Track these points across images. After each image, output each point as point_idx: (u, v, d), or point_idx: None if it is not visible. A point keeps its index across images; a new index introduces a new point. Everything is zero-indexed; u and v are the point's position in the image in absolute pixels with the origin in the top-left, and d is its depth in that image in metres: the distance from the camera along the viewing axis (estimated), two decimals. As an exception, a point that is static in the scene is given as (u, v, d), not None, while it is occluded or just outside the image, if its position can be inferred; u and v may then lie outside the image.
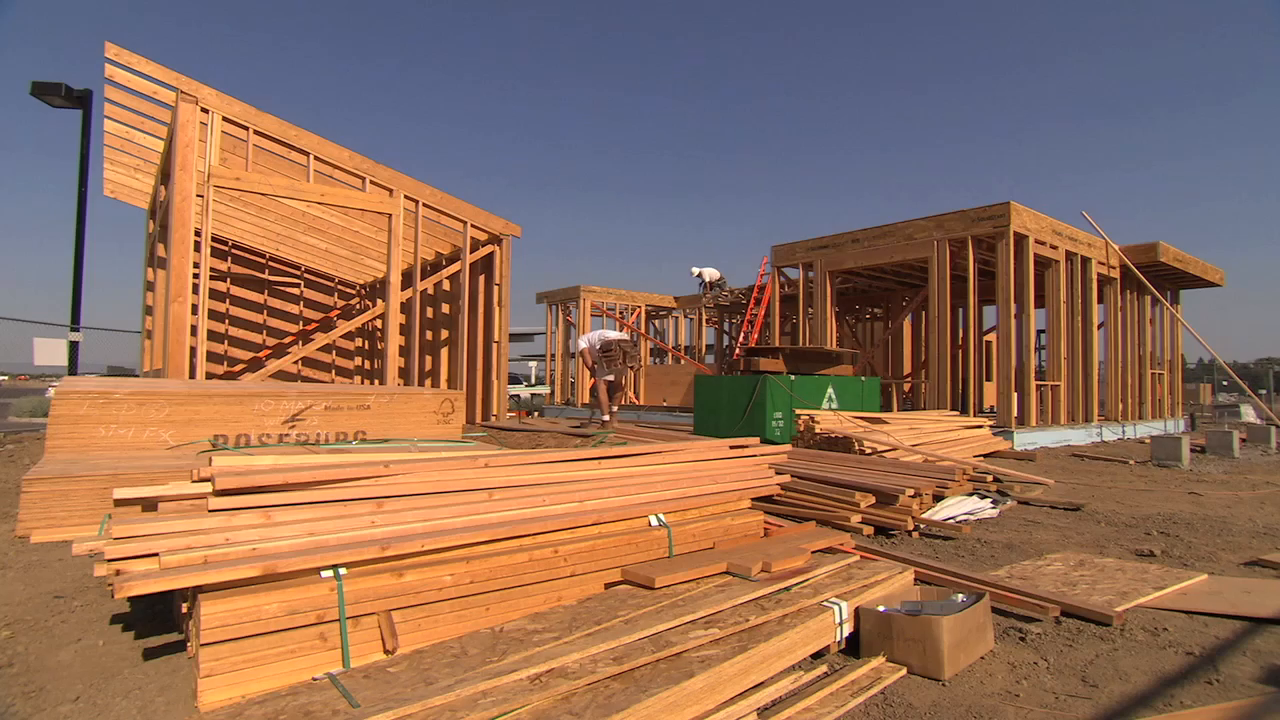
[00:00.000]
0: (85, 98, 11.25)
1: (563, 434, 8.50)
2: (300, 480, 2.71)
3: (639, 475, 3.73)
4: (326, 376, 16.50)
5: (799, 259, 14.07)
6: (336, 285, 16.70)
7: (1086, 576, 3.82)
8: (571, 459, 3.56)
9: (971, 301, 11.41)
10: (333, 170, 9.72)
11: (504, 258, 11.87)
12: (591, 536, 3.21)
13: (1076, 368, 12.19)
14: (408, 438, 5.68)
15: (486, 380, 11.93)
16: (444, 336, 13.12)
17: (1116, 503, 6.12)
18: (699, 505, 3.78)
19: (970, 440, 8.94)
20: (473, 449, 4.63)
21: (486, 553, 2.87)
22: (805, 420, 7.99)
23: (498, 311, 11.86)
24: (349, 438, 5.49)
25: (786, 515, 4.97)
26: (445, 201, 11.05)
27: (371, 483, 2.88)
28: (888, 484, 5.12)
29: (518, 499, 3.19)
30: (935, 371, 11.56)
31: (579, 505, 3.35)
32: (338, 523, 2.70)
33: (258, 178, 8.81)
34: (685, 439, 6.55)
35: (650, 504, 3.57)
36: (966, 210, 11.27)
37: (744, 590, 2.98)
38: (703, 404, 9.91)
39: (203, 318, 8.38)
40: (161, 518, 2.49)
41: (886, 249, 12.43)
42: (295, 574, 2.45)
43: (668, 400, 18.62)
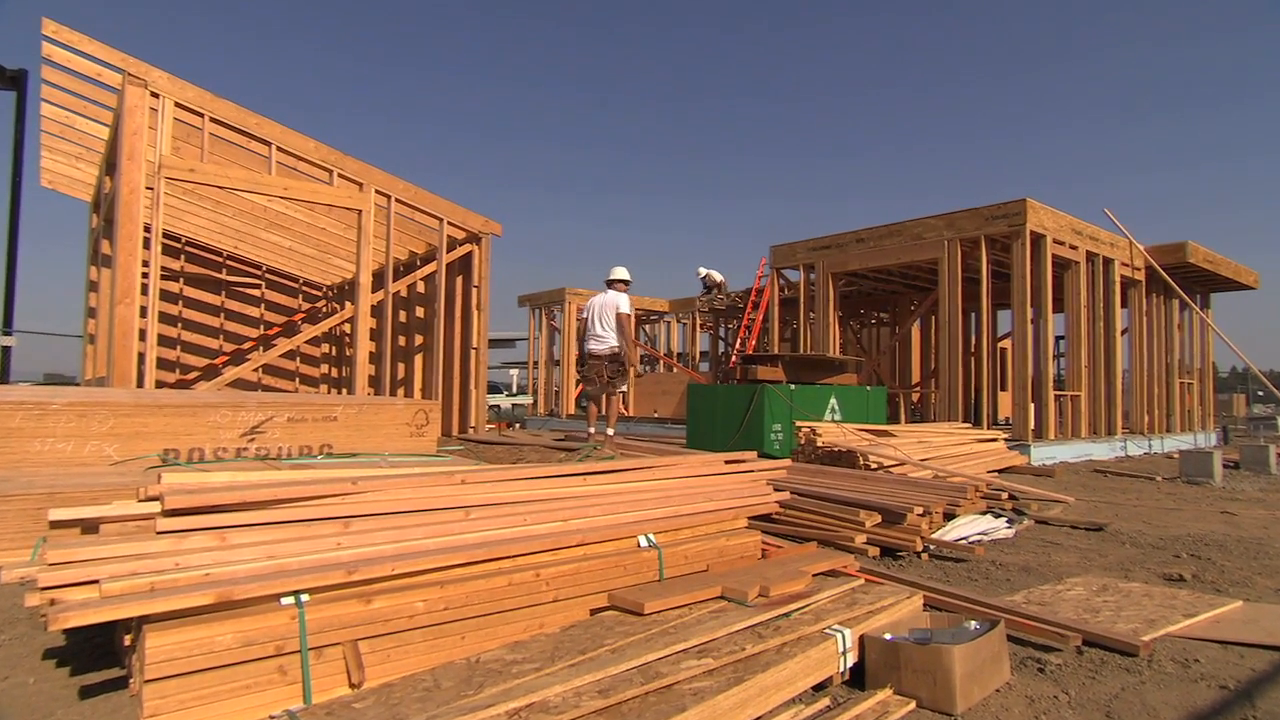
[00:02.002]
0: (20, 78, 11.17)
1: (546, 447, 8.47)
2: (259, 499, 2.68)
3: (628, 492, 3.72)
4: (290, 385, 16.40)
5: (799, 260, 14.11)
6: (301, 287, 16.62)
7: (1110, 602, 3.82)
8: (555, 474, 3.55)
9: (985, 305, 11.47)
10: (297, 162, 9.69)
11: (483, 258, 11.85)
12: (576, 558, 3.19)
13: (1098, 377, 12.26)
14: (378, 452, 5.65)
15: (464, 389, 11.89)
16: (418, 342, 13.07)
17: (1143, 522, 6.14)
18: (692, 525, 3.77)
19: (983, 454, 8.96)
20: (448, 464, 4.60)
21: (462, 576, 2.85)
22: (806, 433, 7.99)
23: (476, 315, 11.83)
24: (314, 452, 5.45)
25: (786, 535, 4.96)
26: (419, 197, 11.03)
27: (338, 501, 2.86)
28: (894, 501, 5.12)
29: (497, 518, 3.18)
30: (946, 380, 11.60)
31: (563, 525, 3.33)
32: (300, 545, 2.67)
33: (214, 169, 8.76)
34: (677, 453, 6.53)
35: (639, 523, 3.56)
36: (979, 208, 11.34)
37: (740, 616, 2.96)
38: (696, 415, 9.89)
39: (152, 321, 8.31)
40: (103, 541, 2.45)
41: (893, 249, 12.48)
42: (252, 601, 2.42)
43: (659, 411, 18.61)
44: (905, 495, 5.36)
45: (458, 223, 11.62)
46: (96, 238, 11.30)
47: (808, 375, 9.99)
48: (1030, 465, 9.69)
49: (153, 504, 2.58)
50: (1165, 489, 8.29)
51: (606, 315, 8.69)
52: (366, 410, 5.85)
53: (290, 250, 14.43)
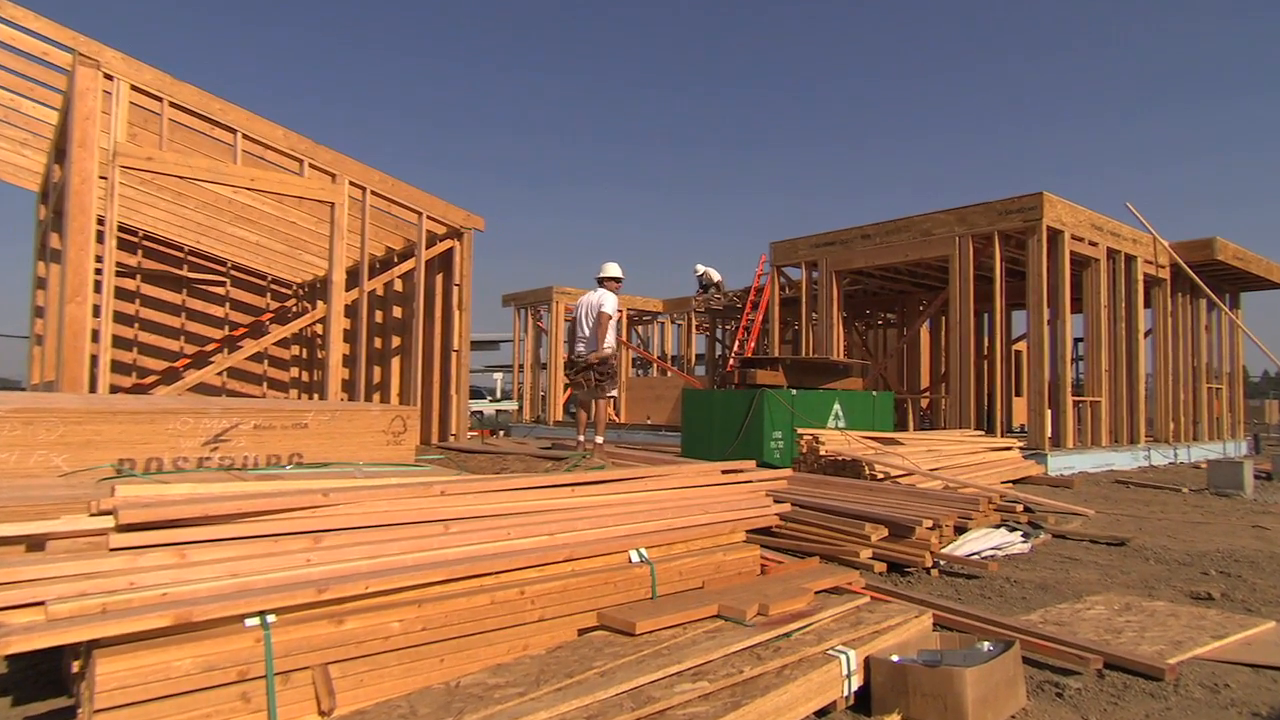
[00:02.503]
0: (-44, 56, 11.08)
1: (532, 456, 8.46)
2: (222, 512, 2.66)
3: (618, 504, 3.72)
4: (257, 390, 16.35)
5: (801, 257, 14.14)
6: (269, 284, 16.57)
7: (1133, 622, 3.83)
8: (541, 485, 3.54)
9: (998, 305, 11.51)
10: (264, 151, 9.65)
11: (465, 254, 11.84)
12: (563, 575, 3.19)
13: (1120, 381, 12.30)
14: (352, 461, 5.63)
15: (444, 394, 11.87)
16: (395, 344, 13.04)
17: (1168, 537, 6.16)
18: (686, 539, 3.76)
19: (997, 464, 8.99)
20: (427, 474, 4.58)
21: (442, 595, 2.84)
22: (808, 441, 8.00)
23: (458, 315, 11.81)
24: (282, 461, 5.43)
25: (786, 550, 4.96)
26: (397, 189, 11.01)
27: (308, 514, 2.84)
28: (902, 514, 5.13)
29: (479, 532, 3.17)
30: (957, 385, 11.63)
31: (549, 539, 3.33)
32: (267, 561, 2.66)
33: (174, 157, 8.72)
34: (671, 462, 6.53)
35: (631, 537, 3.55)
36: (992, 202, 11.38)
37: (738, 636, 2.96)
38: (691, 422, 9.89)
39: (106, 320, 8.26)
40: (50, 559, 2.43)
41: (901, 246, 12.52)
42: (214, 623, 2.40)
43: (652, 418, 18.63)
44: (913, 507, 5.37)
45: (438, 217, 11.60)
46: (45, 231, 11.21)
47: (810, 380, 10.00)
48: (1047, 476, 9.72)
49: (105, 519, 2.56)
50: (1192, 501, 8.33)
51: (592, 316, 8.71)
52: (339, 417, 5.83)
53: (258, 245, 14.37)
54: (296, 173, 9.76)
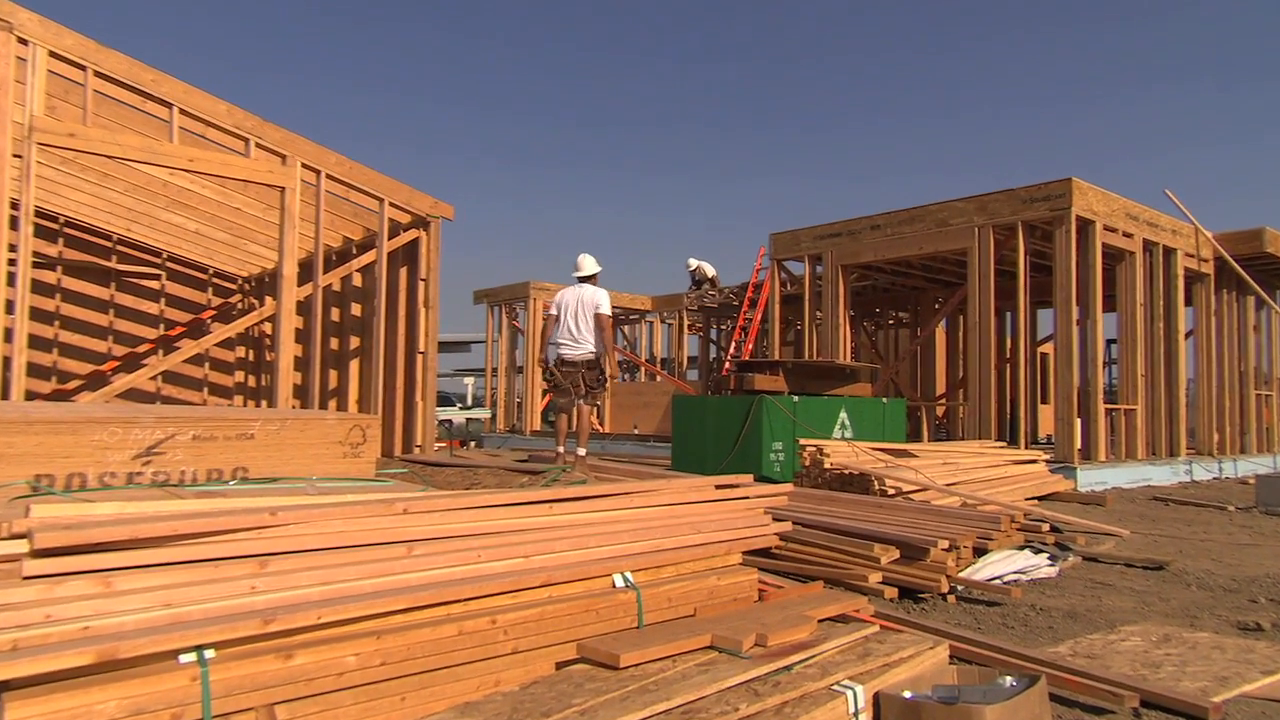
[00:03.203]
0: None
1: (506, 470, 8.43)
2: (155, 534, 2.64)
3: (601, 523, 3.71)
4: (197, 397, 16.24)
5: (804, 250, 14.18)
6: (211, 278, 16.47)
7: (1173, 656, 3.84)
8: (516, 502, 3.53)
9: (1022, 304, 11.57)
10: (205, 129, 9.58)
11: (432, 245, 11.81)
12: (540, 602, 3.18)
13: (1157, 387, 12.38)
14: (304, 476, 5.60)
15: (409, 401, 11.83)
16: (354, 346, 13.00)
17: (1211, 560, 6.19)
18: (677, 561, 3.76)
19: (1021, 479, 9.03)
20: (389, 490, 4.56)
21: (404, 625, 2.83)
22: (812, 453, 8.02)
23: (424, 314, 11.78)
24: (225, 477, 5.40)
25: (787, 573, 4.97)
26: (355, 173, 10.98)
27: (253, 536, 2.83)
28: (916, 533, 5.14)
29: (446, 555, 3.17)
30: (976, 391, 11.68)
31: (524, 562, 3.33)
32: (206, 589, 2.63)
33: (100, 134, 8.64)
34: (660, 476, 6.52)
35: (615, 559, 3.55)
36: (1016, 189, 11.44)
37: (733, 670, 2.95)
38: (683, 431, 9.90)
39: (21, 318, 8.17)
40: (-44, 588, 2.40)
41: (914, 237, 12.57)
42: (144, 660, 2.37)
43: (639, 427, 18.64)
44: (928, 526, 5.38)
45: (401, 204, 11.56)
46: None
47: (814, 385, 10.02)
48: (1076, 492, 9.77)
49: (18, 542, 2.52)
50: (1239, 521, 8.37)
51: (585, 315, 8.65)
52: (290, 426, 5.80)
53: (197, 234, 14.25)
54: (241, 153, 9.70)
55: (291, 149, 10.00)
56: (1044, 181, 11.20)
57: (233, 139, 9.73)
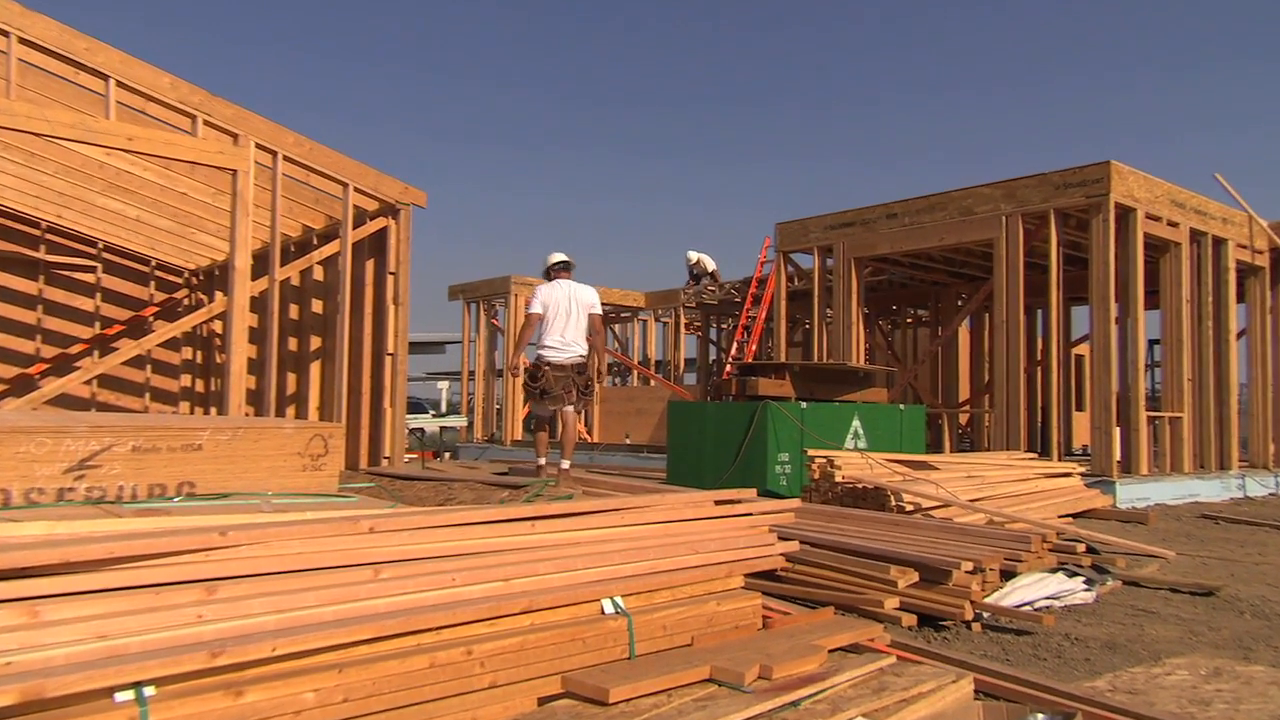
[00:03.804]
0: None
1: (484, 484, 8.42)
2: (89, 558, 2.62)
3: (589, 543, 3.71)
4: (138, 404, 16.19)
5: (814, 241, 14.20)
6: (154, 271, 16.41)
7: (1225, 692, 3.84)
8: (495, 520, 3.53)
9: (1054, 300, 11.59)
10: (146, 104, 9.53)
11: (402, 236, 11.80)
12: (520, 630, 3.18)
13: (1206, 393, 12.40)
14: (259, 491, 5.59)
15: (376, 408, 11.81)
16: (315, 346, 12.97)
17: (1267, 585, 6.19)
18: (672, 584, 3.77)
19: (1053, 494, 9.05)
20: (353, 507, 4.55)
21: (369, 656, 2.83)
22: (821, 465, 8.02)
23: (393, 311, 11.77)
24: (169, 492, 5.38)
25: (794, 598, 4.97)
26: (316, 154, 10.96)
27: (200, 559, 2.81)
28: (936, 554, 5.15)
29: (417, 578, 3.16)
30: (1004, 397, 11.71)
31: (504, 586, 3.33)
32: (146, 619, 2.62)
33: (26, 109, 8.58)
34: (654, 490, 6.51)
35: (604, 583, 3.55)
36: (1049, 174, 11.46)
37: (734, 706, 2.96)
38: (679, 442, 9.89)
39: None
40: None
41: (935, 227, 12.60)
42: (74, 699, 2.36)
43: (631, 436, 18.65)
44: (950, 546, 5.39)
45: (368, 189, 11.55)
46: None
47: (823, 390, 10.03)
48: (1116, 508, 9.79)
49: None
50: (1297, 541, 8.38)
51: (577, 314, 8.62)
52: (243, 436, 5.79)
53: (138, 222, 14.18)
54: (188, 131, 9.67)
55: (244, 127, 9.98)
56: (1079, 165, 11.21)
57: (178, 116, 9.69)
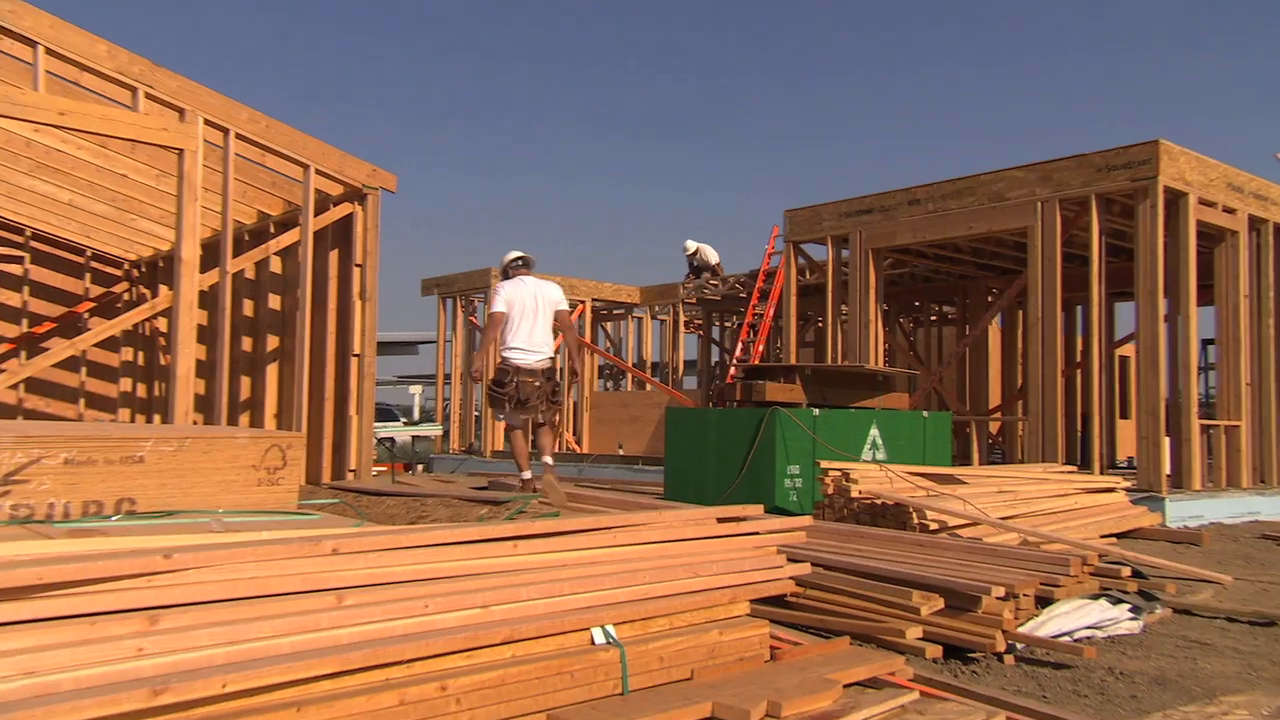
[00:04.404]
0: None
1: (461, 500, 8.40)
2: (14, 584, 2.61)
3: (577, 565, 3.71)
4: (71, 411, 16.15)
5: (827, 230, 14.21)
6: (89, 262, 16.38)
7: (1285, 732, 3.84)
8: (472, 540, 3.52)
9: (1095, 295, 11.59)
10: (80, 74, 9.50)
11: (370, 223, 11.79)
12: (501, 663, 3.18)
13: (1267, 399, 12.40)
14: (208, 509, 5.58)
15: (340, 416, 11.80)
16: (272, 347, 12.96)
17: (1337, 614, 6.18)
18: (670, 611, 3.76)
19: (1095, 511, 9.05)
20: (315, 525, 4.54)
21: (331, 693, 2.82)
22: (836, 478, 8.03)
23: (359, 308, 11.75)
24: (106, 510, 5.36)
25: (806, 626, 4.97)
26: (274, 133, 10.94)
27: (141, 584, 2.80)
28: (964, 578, 5.14)
29: (385, 605, 3.16)
30: (1039, 403, 11.71)
31: (482, 614, 3.32)
32: (79, 652, 2.61)
33: (-61, 81, 8.57)
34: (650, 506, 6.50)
35: (594, 610, 3.55)
36: (1089, 154, 11.46)
37: (742, 750, 2.95)
38: (678, 452, 9.89)
39: None
40: None
41: (963, 215, 12.61)
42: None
43: (625, 446, 18.63)
44: (979, 569, 5.39)
45: (331, 172, 11.53)
46: None
47: (838, 396, 10.04)
48: (1165, 528, 9.80)
49: None
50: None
51: (545, 314, 8.65)
52: (191, 447, 5.77)
53: (71, 207, 14.14)
54: (128, 106, 9.65)
55: (192, 101, 9.95)
56: (1124, 145, 11.20)
57: (116, 88, 9.66)
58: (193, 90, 10.02)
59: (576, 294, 21.32)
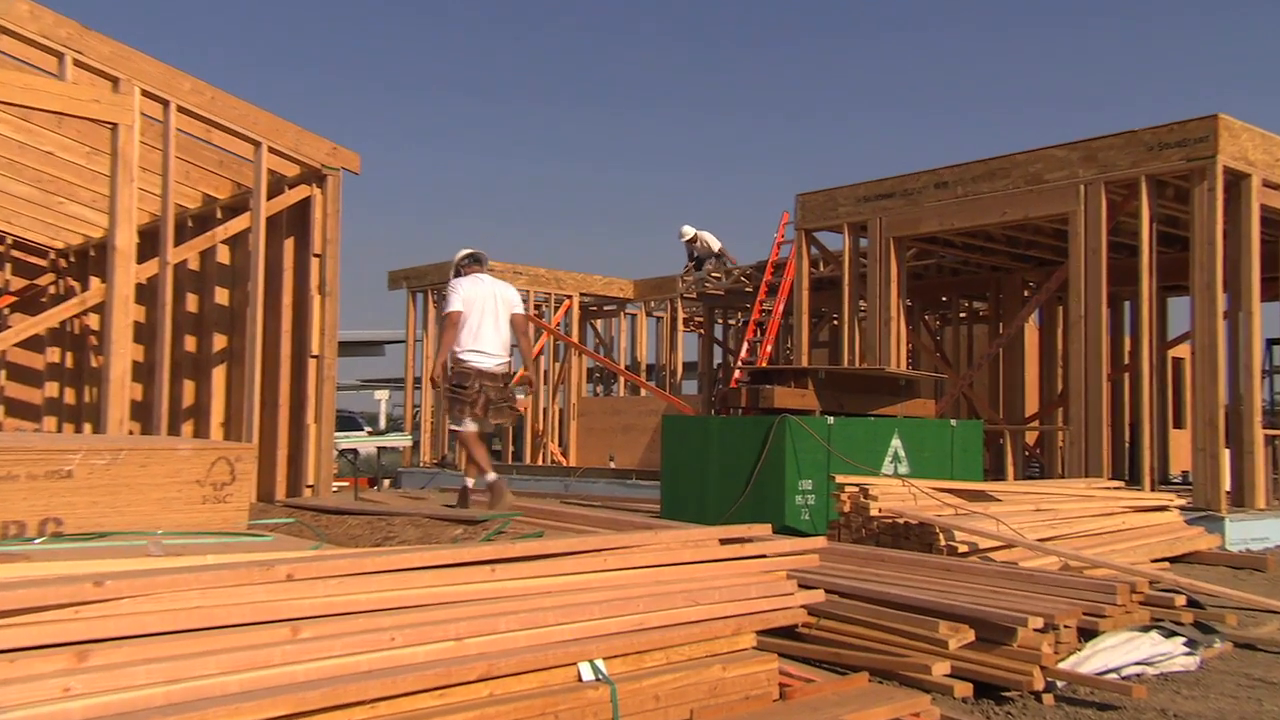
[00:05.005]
0: None
1: (432, 518, 8.40)
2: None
3: (562, 592, 3.71)
4: (-7, 418, 16.15)
5: (844, 217, 14.21)
6: (9, 251, 16.37)
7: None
8: (445, 564, 3.52)
9: (1145, 290, 11.59)
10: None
11: (330, 208, 11.78)
12: (477, 702, 3.19)
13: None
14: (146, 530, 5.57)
15: (296, 425, 11.79)
16: (219, 346, 12.94)
17: None
18: (666, 644, 3.76)
19: (1145, 532, 9.05)
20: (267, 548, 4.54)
21: (283, 737, 2.82)
22: (853, 495, 8.02)
23: (318, 303, 11.74)
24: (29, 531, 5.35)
25: (819, 661, 4.97)
26: (220, 105, 10.93)
27: (69, 615, 2.80)
28: (997, 608, 5.15)
29: (346, 638, 3.15)
30: (1081, 411, 11.71)
31: (456, 647, 3.32)
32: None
33: None
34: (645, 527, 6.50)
35: (581, 642, 3.55)
36: (1138, 131, 11.45)
37: (748, 800, 2.95)
38: (676, 465, 9.89)
39: None
40: None
41: (996, 199, 12.61)
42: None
43: (617, 459, 18.63)
44: (1014, 597, 5.39)
45: (287, 150, 11.52)
46: None
47: (856, 402, 10.05)
48: (1224, 551, 9.80)
49: None
50: None
51: (502, 315, 8.79)
52: (127, 460, 5.77)
53: (-13, 189, 14.16)
54: (54, 74, 9.64)
55: (127, 69, 9.93)
56: (1179, 120, 11.17)
57: (40, 54, 9.64)
58: (128, 57, 9.99)
59: (565, 289, 21.32)
